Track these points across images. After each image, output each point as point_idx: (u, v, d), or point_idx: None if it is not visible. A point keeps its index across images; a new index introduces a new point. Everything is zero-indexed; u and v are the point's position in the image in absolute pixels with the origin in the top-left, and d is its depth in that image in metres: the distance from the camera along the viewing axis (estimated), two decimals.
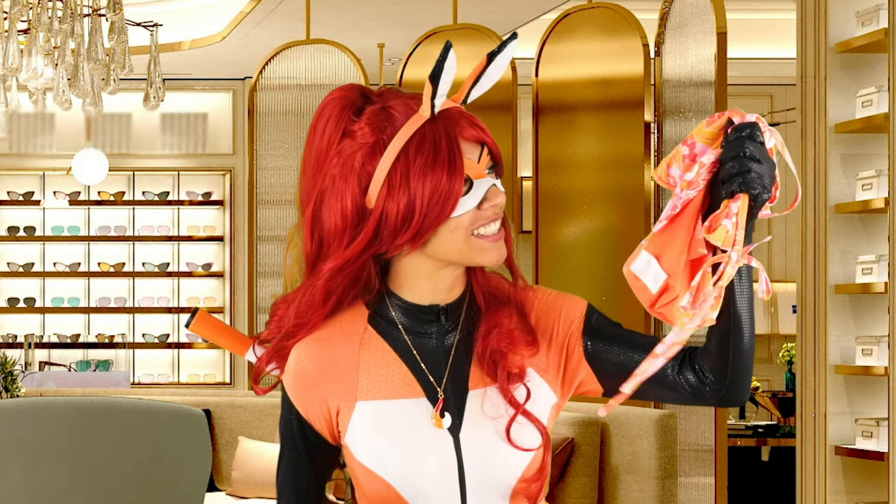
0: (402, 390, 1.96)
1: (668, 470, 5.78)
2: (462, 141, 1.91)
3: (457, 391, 1.97)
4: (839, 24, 5.67)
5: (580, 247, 6.33)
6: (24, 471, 4.38)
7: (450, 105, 1.94)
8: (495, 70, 1.94)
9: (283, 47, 7.94)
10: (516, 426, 1.95)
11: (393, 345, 1.98)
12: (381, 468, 1.94)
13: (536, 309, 2.02)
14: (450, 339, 1.98)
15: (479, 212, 1.92)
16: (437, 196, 1.89)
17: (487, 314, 1.99)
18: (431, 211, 1.90)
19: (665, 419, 5.69)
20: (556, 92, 6.63)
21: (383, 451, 1.94)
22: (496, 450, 1.95)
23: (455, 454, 1.95)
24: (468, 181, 1.91)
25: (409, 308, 1.98)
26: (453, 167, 1.89)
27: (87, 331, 11.43)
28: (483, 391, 1.97)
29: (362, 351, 1.97)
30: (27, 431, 4.42)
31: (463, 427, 1.95)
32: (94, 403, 4.51)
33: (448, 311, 1.99)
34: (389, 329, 1.98)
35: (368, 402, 1.95)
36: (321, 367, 1.98)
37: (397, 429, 1.94)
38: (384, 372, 1.97)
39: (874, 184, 5.49)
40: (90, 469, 4.40)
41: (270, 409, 6.94)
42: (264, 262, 7.97)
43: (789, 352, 8.94)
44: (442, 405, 1.95)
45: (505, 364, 1.96)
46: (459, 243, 1.92)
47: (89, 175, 10.35)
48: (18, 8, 6.32)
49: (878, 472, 5.50)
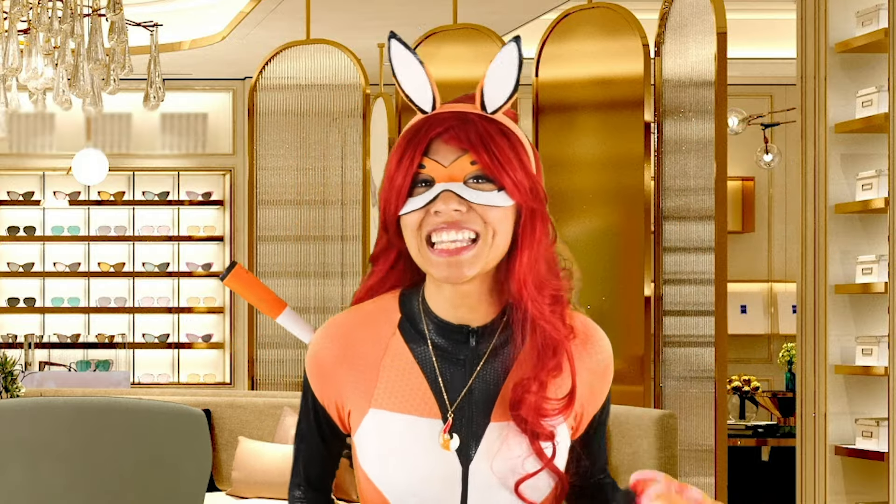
0: (418, 407, 1.91)
1: (668, 470, 5.77)
2: (439, 142, 1.87)
3: (478, 419, 1.91)
4: (839, 24, 5.67)
5: (580, 247, 6.33)
6: (24, 471, 4.38)
7: (457, 108, 1.90)
8: (498, 76, 1.90)
9: (283, 47, 7.94)
10: (529, 480, 1.90)
11: (418, 358, 1.93)
12: (383, 482, 1.90)
13: (589, 365, 1.96)
14: (478, 363, 1.91)
15: (429, 216, 1.86)
16: (387, 184, 1.88)
17: (536, 364, 1.90)
18: (387, 201, 1.89)
19: (665, 419, 5.69)
20: (556, 92, 6.63)
21: (388, 466, 1.89)
22: (504, 496, 1.90)
23: (461, 485, 1.90)
24: (428, 182, 1.86)
25: (441, 325, 1.92)
26: (403, 160, 1.87)
27: (87, 331, 11.43)
28: (507, 426, 1.90)
29: (386, 357, 1.93)
30: (27, 431, 4.41)
31: (476, 459, 1.90)
32: (94, 403, 4.51)
33: (479, 334, 1.92)
34: (418, 341, 1.93)
35: (381, 411, 1.91)
36: (342, 358, 1.94)
37: (406, 446, 1.89)
38: (403, 385, 1.92)
39: (874, 184, 5.49)
40: (90, 469, 4.40)
41: (270, 409, 6.94)
42: (264, 262, 7.97)
43: (789, 352, 8.94)
44: (451, 427, 1.89)
45: (536, 425, 1.89)
46: (415, 249, 1.88)
47: (89, 175, 10.34)
48: (18, 8, 6.32)
49: (878, 472, 5.50)
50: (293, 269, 7.97)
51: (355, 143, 7.93)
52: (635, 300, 6.20)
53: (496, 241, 1.86)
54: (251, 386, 8.01)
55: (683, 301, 6.04)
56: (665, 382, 6.17)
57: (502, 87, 1.90)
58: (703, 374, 5.92)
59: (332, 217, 7.96)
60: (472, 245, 1.85)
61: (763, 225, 11.05)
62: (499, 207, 1.86)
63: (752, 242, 11.01)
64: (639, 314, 6.15)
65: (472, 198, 1.85)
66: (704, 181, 5.95)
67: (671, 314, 6.12)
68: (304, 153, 7.96)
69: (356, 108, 7.92)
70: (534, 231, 1.89)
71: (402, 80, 1.91)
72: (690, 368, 6.01)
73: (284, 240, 7.97)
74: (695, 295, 5.96)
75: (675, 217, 6.14)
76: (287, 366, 7.96)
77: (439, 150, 1.87)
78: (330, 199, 7.96)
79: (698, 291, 5.94)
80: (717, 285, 5.81)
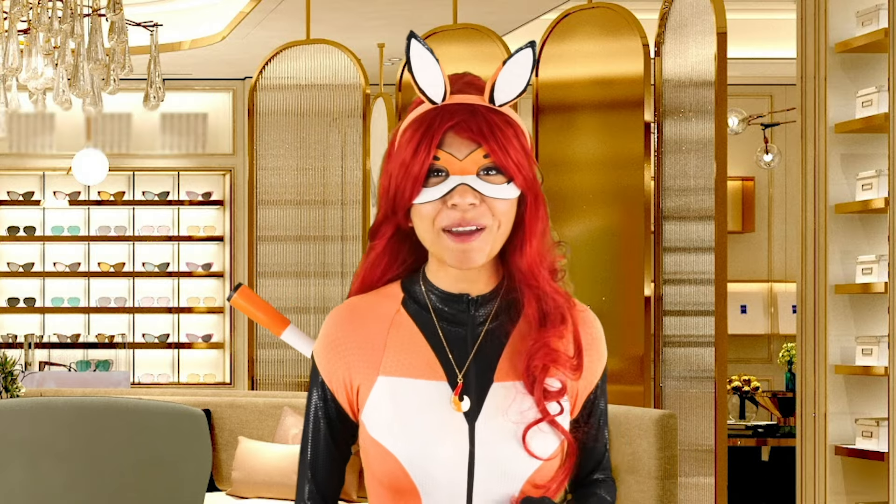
0: (425, 371, 2.00)
1: (668, 470, 5.78)
2: (452, 134, 1.96)
3: (481, 381, 2.00)
4: (839, 24, 5.67)
5: (580, 247, 6.33)
6: (24, 470, 4.38)
7: (466, 100, 1.98)
8: (510, 77, 1.99)
9: (283, 47, 7.94)
10: (536, 431, 1.98)
11: (422, 327, 2.02)
12: (393, 445, 1.97)
13: (586, 337, 2.05)
14: (480, 328, 2.02)
15: (445, 208, 1.95)
16: (401, 173, 1.97)
17: (539, 329, 2.00)
18: (399, 189, 1.98)
19: (665, 419, 5.69)
20: (556, 92, 6.63)
21: (398, 429, 1.97)
22: (510, 447, 1.97)
23: (468, 442, 1.97)
24: (442, 173, 1.95)
25: (441, 295, 2.03)
26: (419, 149, 1.96)
27: (87, 331, 11.43)
28: (511, 385, 1.99)
29: (391, 330, 2.03)
30: (27, 431, 4.41)
31: (480, 417, 1.98)
32: (94, 403, 4.51)
33: (478, 303, 2.02)
34: (421, 312, 2.03)
35: (389, 377, 2.00)
36: (350, 338, 2.03)
37: (414, 408, 1.98)
38: (409, 351, 2.01)
39: (874, 184, 5.49)
40: (90, 469, 4.40)
41: (270, 409, 6.94)
42: (264, 262, 7.97)
43: (789, 352, 8.94)
44: (461, 390, 1.98)
45: (543, 381, 1.99)
46: (430, 235, 1.98)
47: (89, 175, 10.34)
48: (18, 8, 6.32)
49: (878, 472, 5.50)
50: (293, 269, 7.97)
51: (355, 143, 7.94)
52: (635, 300, 6.20)
53: (501, 230, 1.97)
54: (251, 386, 8.01)
55: (683, 301, 6.04)
56: (665, 382, 6.17)
57: (514, 84, 2.00)
58: (703, 374, 5.92)
59: (332, 217, 7.96)
60: (480, 232, 1.96)
61: (763, 225, 11.05)
62: (508, 199, 1.97)
63: (752, 242, 11.01)
64: (639, 314, 6.15)
65: (486, 191, 1.95)
66: (704, 181, 5.95)
67: (671, 314, 6.12)
68: (304, 153, 7.96)
69: (356, 108, 7.92)
70: (537, 214, 2.01)
71: (418, 76, 1.99)
72: (690, 368, 6.01)
73: (284, 240, 7.97)
74: (695, 295, 5.96)
75: (675, 217, 6.14)
76: (287, 366, 7.96)
77: (453, 143, 1.96)
78: (330, 199, 7.96)
79: (698, 291, 5.94)
80: (717, 285, 5.81)
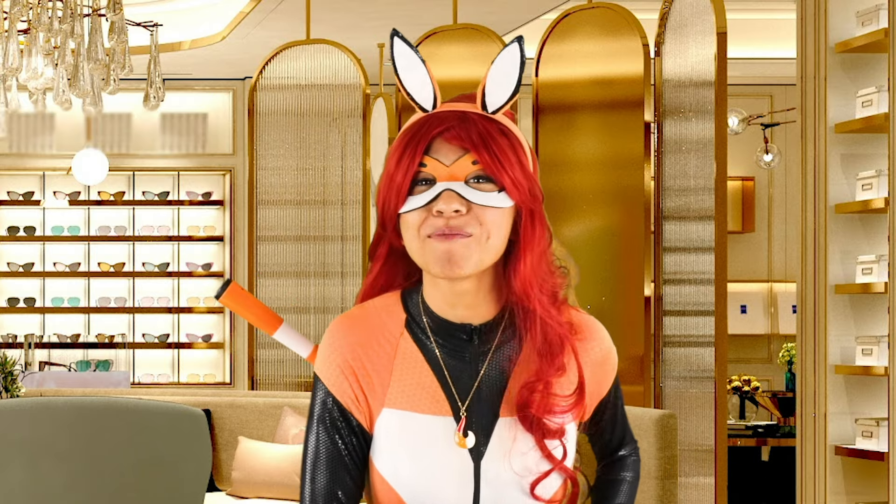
0: (430, 406, 1.91)
1: (668, 470, 5.78)
2: (440, 140, 1.88)
3: (486, 415, 1.92)
4: (839, 24, 5.67)
5: (580, 247, 6.33)
6: (24, 470, 4.38)
7: (458, 107, 1.90)
8: (499, 77, 1.90)
9: (283, 47, 7.94)
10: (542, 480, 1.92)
11: (427, 357, 1.93)
12: (396, 481, 1.90)
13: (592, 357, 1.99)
14: (483, 359, 1.93)
15: (430, 216, 1.86)
16: (386, 183, 1.88)
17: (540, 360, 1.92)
18: (386, 199, 1.89)
19: (665, 419, 5.68)
20: (556, 92, 6.63)
21: (401, 464, 1.90)
22: (515, 492, 1.91)
23: (473, 481, 1.91)
24: (428, 181, 1.87)
25: (442, 324, 1.93)
26: (403, 158, 1.87)
27: (87, 331, 11.43)
28: (515, 420, 1.92)
29: (397, 357, 1.93)
30: (27, 431, 4.41)
31: (486, 455, 1.91)
32: (94, 403, 4.51)
33: (481, 331, 1.93)
34: (424, 340, 1.94)
35: (395, 410, 1.91)
36: (358, 351, 1.93)
37: (419, 444, 1.90)
38: (415, 384, 1.92)
39: (874, 184, 5.49)
40: (90, 469, 4.40)
41: (270, 409, 6.94)
42: (264, 262, 7.97)
43: (789, 352, 8.94)
44: (465, 425, 1.90)
45: (542, 421, 1.91)
46: (416, 244, 1.88)
47: (89, 175, 10.34)
48: (18, 8, 6.32)
49: (878, 472, 5.50)
50: (293, 269, 7.97)
51: (355, 143, 7.93)
52: (635, 300, 6.20)
53: (490, 242, 1.87)
54: (251, 386, 8.01)
55: (683, 301, 6.04)
56: (665, 382, 6.17)
57: (504, 87, 1.90)
58: (703, 374, 5.92)
59: (332, 217, 7.96)
60: (466, 237, 1.86)
61: (763, 225, 11.05)
62: (497, 209, 1.87)
63: (752, 242, 11.01)
64: (639, 314, 6.15)
65: (473, 198, 1.86)
66: (704, 181, 5.95)
67: (671, 314, 6.12)
68: (304, 153, 7.96)
69: (356, 108, 7.92)
70: (534, 231, 1.91)
71: (403, 77, 1.91)
72: (690, 368, 6.01)
73: (284, 240, 7.97)
74: (695, 295, 5.96)
75: (675, 217, 6.14)
76: (287, 366, 7.96)
77: (441, 150, 1.87)
78: (330, 199, 7.96)
79: (698, 291, 5.94)
80: (717, 285, 5.81)
